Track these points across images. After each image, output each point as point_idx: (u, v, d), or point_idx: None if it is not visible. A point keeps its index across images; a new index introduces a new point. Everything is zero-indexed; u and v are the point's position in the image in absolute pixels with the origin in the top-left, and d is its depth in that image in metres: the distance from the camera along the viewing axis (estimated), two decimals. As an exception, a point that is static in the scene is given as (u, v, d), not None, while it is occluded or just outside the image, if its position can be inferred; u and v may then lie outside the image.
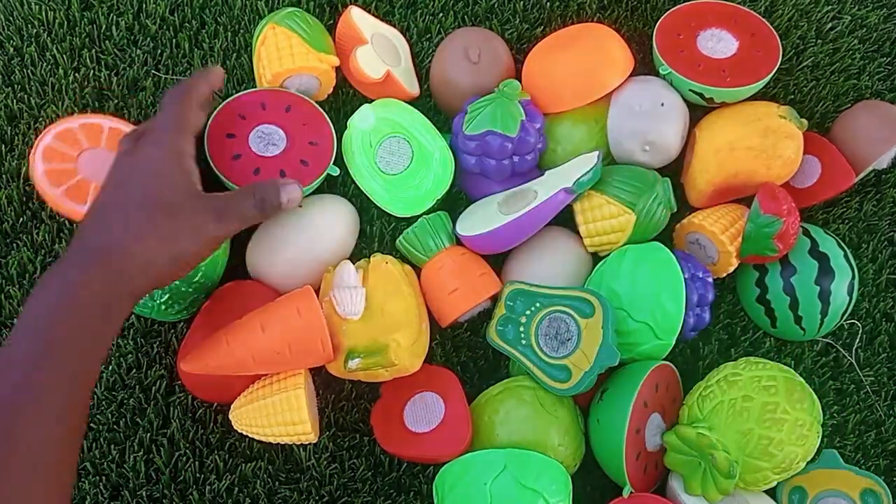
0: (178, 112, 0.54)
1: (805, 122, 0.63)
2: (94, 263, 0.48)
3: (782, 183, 0.64)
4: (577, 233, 0.63)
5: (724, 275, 0.64)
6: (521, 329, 0.60)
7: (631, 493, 0.56)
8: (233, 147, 0.61)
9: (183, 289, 0.60)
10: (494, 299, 0.64)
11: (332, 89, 0.69)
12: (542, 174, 0.65)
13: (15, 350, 0.45)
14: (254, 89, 0.64)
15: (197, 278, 0.60)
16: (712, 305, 0.61)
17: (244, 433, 0.59)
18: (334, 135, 0.64)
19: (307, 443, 0.60)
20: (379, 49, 0.67)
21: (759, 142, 0.62)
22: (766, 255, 0.61)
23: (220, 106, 0.61)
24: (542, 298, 0.60)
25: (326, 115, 0.65)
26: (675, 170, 0.67)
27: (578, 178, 0.59)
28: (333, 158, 0.63)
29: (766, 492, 0.59)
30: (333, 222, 0.63)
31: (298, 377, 0.57)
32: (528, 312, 0.60)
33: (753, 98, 0.65)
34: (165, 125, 0.54)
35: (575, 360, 0.57)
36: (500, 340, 0.61)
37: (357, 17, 0.68)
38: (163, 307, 0.60)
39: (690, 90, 0.64)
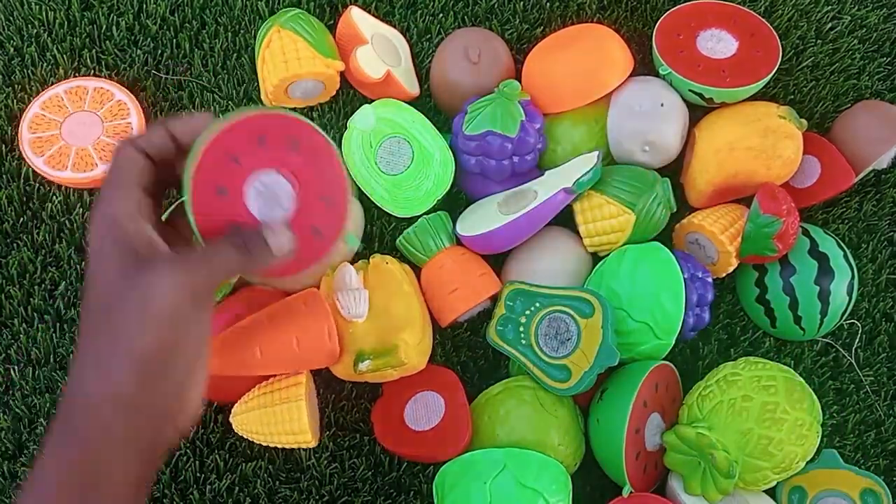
0: (118, 164, 0.39)
1: (805, 122, 0.63)
2: (57, 428, 0.37)
3: (782, 183, 0.64)
4: (577, 233, 0.63)
5: (724, 275, 0.64)
6: (521, 329, 0.60)
7: (631, 492, 0.56)
8: (224, 209, 0.42)
9: None
10: (494, 299, 0.64)
11: (334, 92, 0.69)
12: (542, 174, 0.65)
13: None
14: (249, 111, 0.42)
15: None
16: (712, 305, 0.61)
17: (244, 436, 0.59)
18: (348, 183, 0.44)
19: (307, 448, 0.60)
20: (379, 49, 0.67)
21: (759, 142, 0.62)
22: (765, 255, 0.61)
23: (207, 140, 0.40)
24: (541, 298, 0.60)
25: (338, 151, 0.46)
26: (674, 170, 0.67)
27: (578, 179, 0.59)
28: (350, 220, 0.50)
29: (766, 491, 0.59)
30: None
31: (300, 387, 0.57)
32: (527, 312, 0.60)
33: (753, 98, 0.65)
34: (106, 184, 0.39)
35: (575, 360, 0.57)
36: (500, 340, 0.61)
37: (357, 18, 0.68)
38: None
39: (690, 90, 0.64)
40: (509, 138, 0.62)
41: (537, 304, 0.60)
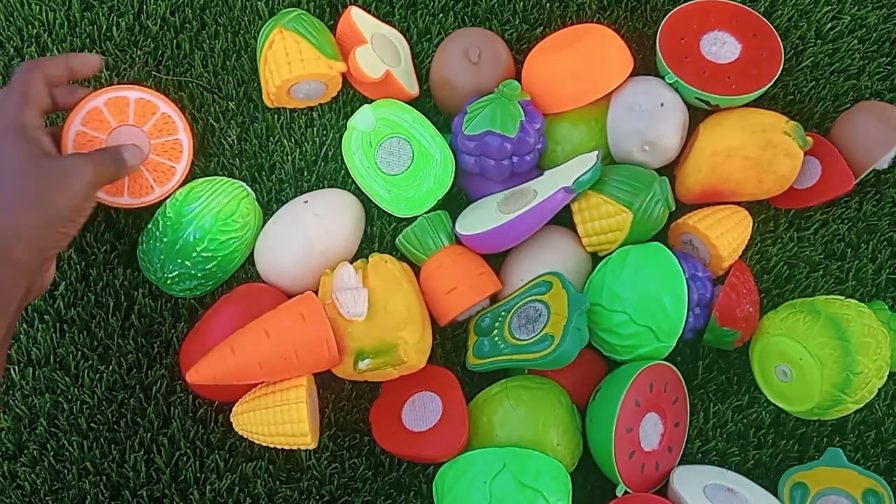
0: (22, 85, 0.54)
1: (810, 140, 0.63)
2: None
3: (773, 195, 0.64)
4: (577, 232, 0.63)
5: (715, 277, 0.64)
6: (496, 338, 0.60)
7: (625, 492, 0.56)
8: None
9: (193, 271, 0.61)
10: (493, 298, 0.64)
11: (336, 92, 0.69)
12: (542, 174, 0.65)
13: None
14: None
15: (210, 266, 0.61)
16: (711, 305, 0.61)
17: (244, 436, 0.59)
18: None
19: (307, 448, 0.60)
20: (379, 49, 0.67)
21: (758, 154, 0.62)
22: (728, 348, 0.62)
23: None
24: (505, 306, 0.62)
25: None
26: (673, 166, 0.67)
27: (578, 178, 0.59)
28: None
29: (768, 489, 0.59)
30: (343, 218, 0.63)
31: (300, 389, 0.57)
32: (497, 324, 0.61)
33: (756, 99, 0.65)
34: (8, 94, 0.54)
35: (552, 324, 0.57)
36: (480, 359, 0.60)
37: (357, 17, 0.68)
38: (168, 280, 0.61)
39: (696, 98, 0.64)
40: (509, 138, 0.62)
41: (503, 313, 0.61)
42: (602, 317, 0.59)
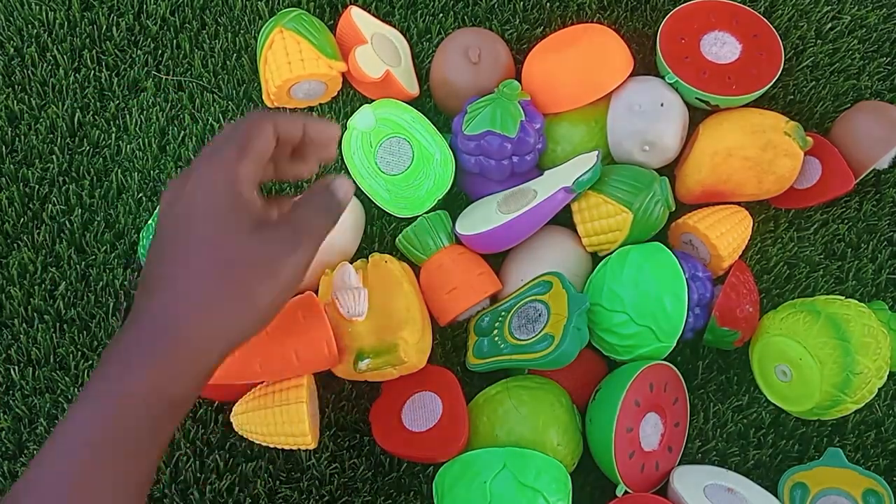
0: (249, 132, 0.42)
1: (811, 140, 0.63)
2: (152, 354, 0.39)
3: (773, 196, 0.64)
4: (577, 232, 0.63)
5: (715, 277, 0.64)
6: (496, 338, 0.60)
7: (626, 492, 0.56)
8: None
9: None
10: (493, 298, 0.64)
11: (336, 93, 0.69)
12: (542, 174, 0.65)
13: (46, 473, 0.38)
14: None
15: None
16: (711, 304, 0.61)
17: (244, 436, 0.59)
18: None
19: (307, 449, 0.60)
20: (379, 49, 0.67)
21: (758, 154, 0.61)
22: (728, 348, 0.62)
23: None
24: (504, 306, 0.61)
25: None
26: (673, 166, 0.67)
27: (578, 178, 0.59)
28: None
29: (768, 488, 0.59)
30: (343, 218, 0.63)
31: (300, 389, 0.57)
32: (497, 324, 0.61)
33: (757, 100, 0.65)
34: (226, 140, 0.42)
35: (552, 324, 0.57)
36: (480, 359, 0.60)
37: (357, 17, 0.68)
38: None
39: (697, 98, 0.64)
40: (508, 138, 0.62)
41: (503, 313, 0.61)
42: (602, 317, 0.59)
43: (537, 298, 0.59)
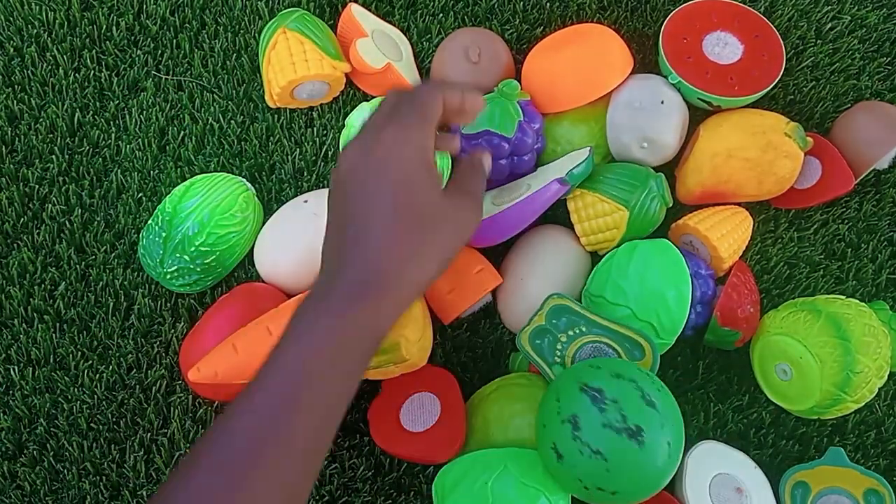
0: (427, 101, 0.47)
1: (811, 140, 0.63)
2: (364, 298, 0.44)
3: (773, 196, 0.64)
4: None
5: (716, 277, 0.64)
6: (559, 347, 0.58)
7: None
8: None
9: (192, 266, 0.61)
10: (494, 294, 0.64)
11: (338, 93, 0.69)
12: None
13: (267, 391, 0.43)
14: None
15: (209, 260, 0.61)
16: (712, 303, 0.61)
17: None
18: None
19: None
20: (380, 43, 0.67)
21: (758, 155, 0.61)
22: (730, 348, 0.62)
23: None
24: (588, 324, 0.58)
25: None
26: (673, 166, 0.67)
27: (571, 170, 0.59)
28: None
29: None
30: None
31: None
32: (570, 333, 0.58)
33: (757, 101, 0.65)
34: (410, 112, 0.47)
35: None
36: (532, 350, 0.59)
37: (358, 14, 0.68)
38: (168, 275, 0.61)
39: (699, 98, 0.64)
40: (507, 138, 0.62)
41: (583, 329, 0.58)
42: (605, 310, 0.59)
43: (622, 356, 0.56)
